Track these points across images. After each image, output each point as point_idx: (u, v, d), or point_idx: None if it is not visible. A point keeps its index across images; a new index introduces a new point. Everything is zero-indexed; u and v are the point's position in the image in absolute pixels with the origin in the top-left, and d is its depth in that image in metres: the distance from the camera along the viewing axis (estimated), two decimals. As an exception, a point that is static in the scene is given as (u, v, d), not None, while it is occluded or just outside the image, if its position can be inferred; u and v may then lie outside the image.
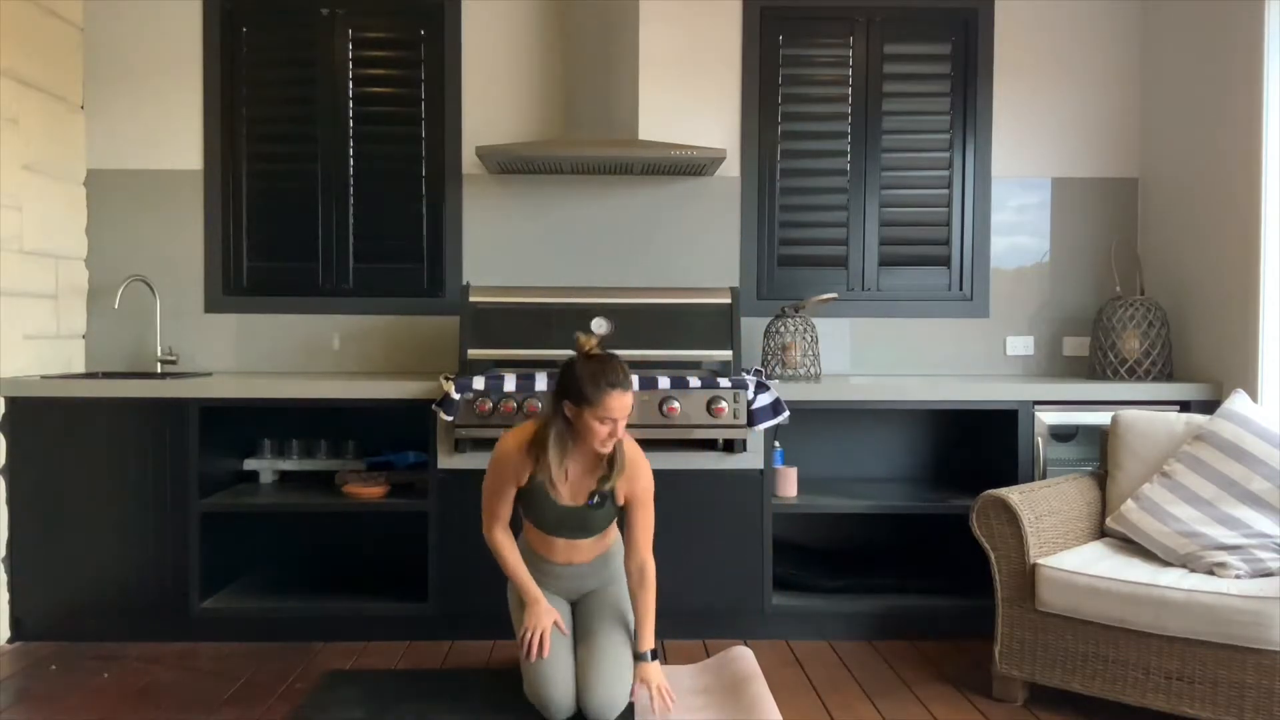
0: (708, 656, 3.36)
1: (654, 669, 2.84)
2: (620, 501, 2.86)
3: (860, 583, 3.70)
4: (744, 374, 3.56)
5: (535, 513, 2.89)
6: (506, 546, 2.92)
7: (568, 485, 2.83)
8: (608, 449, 2.75)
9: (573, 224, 4.15)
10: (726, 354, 3.67)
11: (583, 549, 2.94)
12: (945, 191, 4.18)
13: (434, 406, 3.42)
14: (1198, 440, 3.08)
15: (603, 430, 2.69)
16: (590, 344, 2.75)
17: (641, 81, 4.01)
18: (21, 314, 3.66)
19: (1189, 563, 2.88)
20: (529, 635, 2.81)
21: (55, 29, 3.89)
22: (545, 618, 2.84)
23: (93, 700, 3.01)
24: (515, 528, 2.99)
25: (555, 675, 2.78)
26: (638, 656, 2.85)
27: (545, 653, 2.78)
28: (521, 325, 3.67)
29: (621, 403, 2.68)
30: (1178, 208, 3.96)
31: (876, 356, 4.20)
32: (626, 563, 2.90)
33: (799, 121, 4.16)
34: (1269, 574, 2.76)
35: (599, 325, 3.64)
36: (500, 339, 3.66)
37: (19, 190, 3.64)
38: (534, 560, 2.96)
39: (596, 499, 2.83)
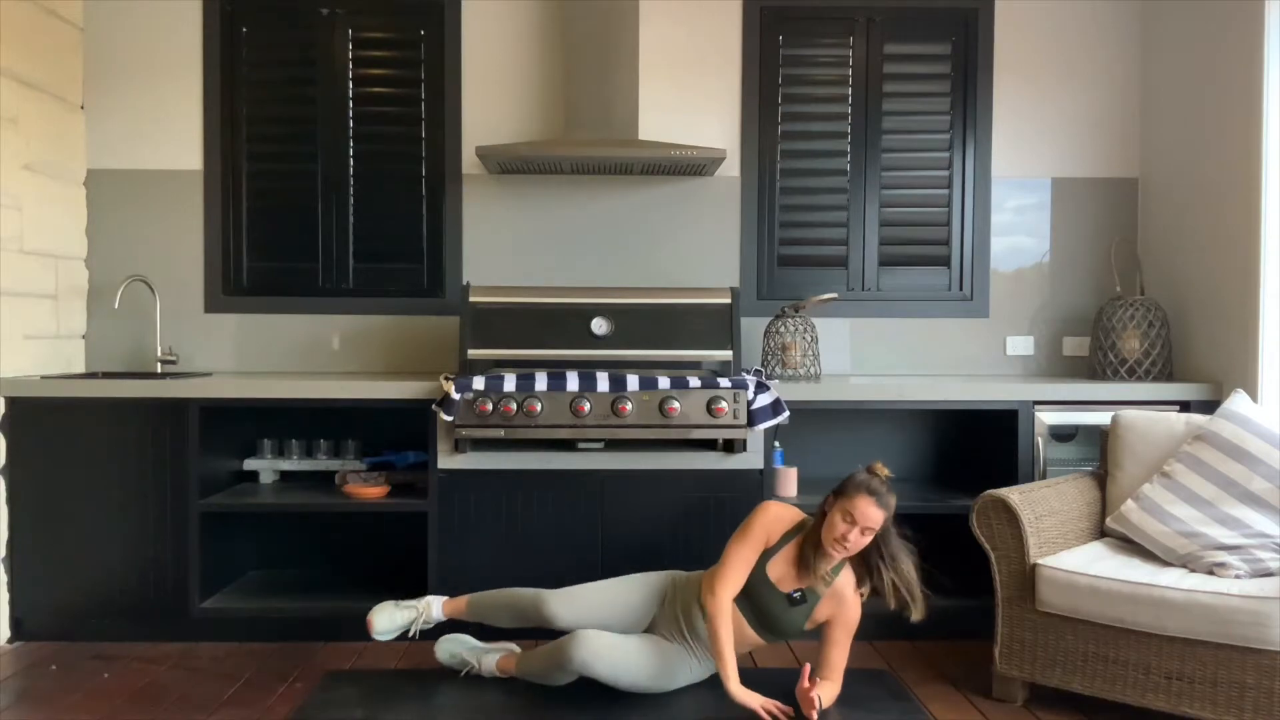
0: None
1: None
2: (821, 617, 2.92)
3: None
4: (744, 374, 3.56)
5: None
6: (728, 621, 2.82)
7: (783, 570, 2.89)
8: (835, 551, 2.81)
9: (573, 224, 4.15)
10: (726, 354, 3.67)
11: (730, 635, 2.84)
12: (945, 191, 4.18)
13: (434, 406, 3.42)
14: (1198, 440, 3.08)
15: (841, 527, 2.77)
16: (884, 471, 2.87)
17: (641, 81, 4.01)
18: (21, 314, 3.65)
19: (1189, 563, 2.88)
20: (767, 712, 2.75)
21: (55, 29, 3.88)
22: (755, 698, 2.77)
23: (93, 700, 3.01)
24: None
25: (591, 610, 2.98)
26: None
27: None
28: (521, 325, 3.67)
29: (868, 511, 2.76)
30: (1178, 208, 3.96)
31: (876, 356, 4.20)
32: (825, 681, 2.88)
33: (799, 121, 4.16)
34: (1269, 574, 2.76)
35: (599, 325, 3.65)
36: (500, 339, 3.65)
37: (19, 190, 3.64)
38: (691, 600, 2.96)
39: (799, 594, 2.90)
